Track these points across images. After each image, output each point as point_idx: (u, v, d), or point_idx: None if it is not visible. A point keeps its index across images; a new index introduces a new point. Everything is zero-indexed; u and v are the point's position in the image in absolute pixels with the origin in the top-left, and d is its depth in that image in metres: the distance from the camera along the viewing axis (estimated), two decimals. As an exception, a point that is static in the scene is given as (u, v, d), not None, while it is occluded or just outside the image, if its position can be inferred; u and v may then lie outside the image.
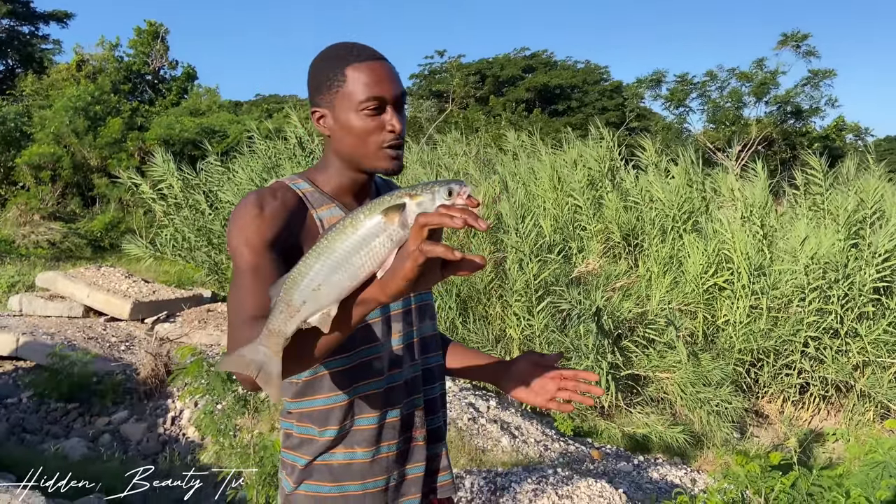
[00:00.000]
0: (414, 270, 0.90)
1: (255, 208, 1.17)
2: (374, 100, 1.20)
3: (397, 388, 1.29)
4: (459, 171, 9.46)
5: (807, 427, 6.05)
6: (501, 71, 28.18)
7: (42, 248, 11.73)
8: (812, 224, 6.28)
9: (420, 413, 1.33)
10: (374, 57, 1.24)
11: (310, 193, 1.27)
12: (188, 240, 8.47)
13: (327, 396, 1.25)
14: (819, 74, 20.50)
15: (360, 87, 1.21)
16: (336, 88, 1.23)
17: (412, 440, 1.32)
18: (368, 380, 1.25)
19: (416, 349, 1.34)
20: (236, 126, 15.53)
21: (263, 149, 8.98)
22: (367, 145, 1.23)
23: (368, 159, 1.24)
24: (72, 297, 7.51)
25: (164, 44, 20.71)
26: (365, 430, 1.26)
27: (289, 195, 1.24)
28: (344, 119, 1.23)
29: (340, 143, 1.26)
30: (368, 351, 1.25)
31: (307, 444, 1.26)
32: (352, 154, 1.26)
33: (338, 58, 1.24)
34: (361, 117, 1.21)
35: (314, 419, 1.26)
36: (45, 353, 6.05)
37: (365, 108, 1.21)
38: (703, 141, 20.37)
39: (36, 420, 5.41)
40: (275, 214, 1.17)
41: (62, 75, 18.64)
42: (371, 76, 1.21)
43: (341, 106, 1.23)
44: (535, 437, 4.72)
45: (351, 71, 1.21)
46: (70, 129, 14.07)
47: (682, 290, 6.16)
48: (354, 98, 1.21)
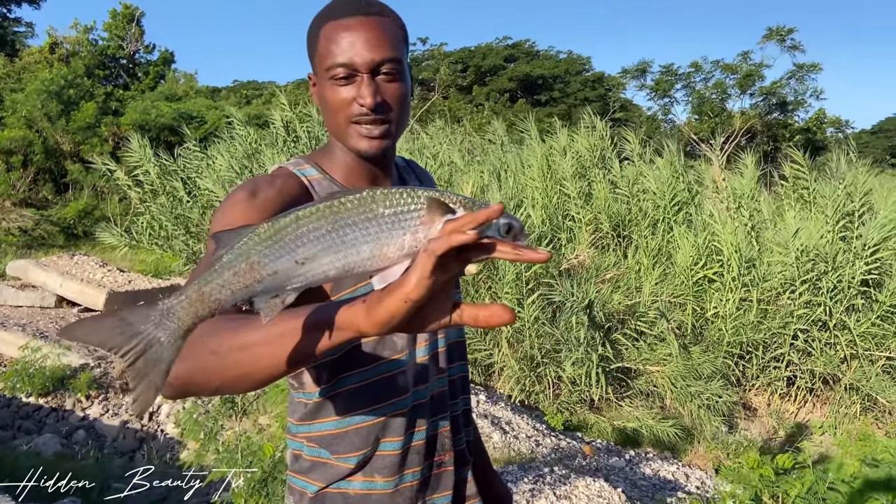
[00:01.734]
0: (421, 285, 0.62)
1: (245, 194, 0.98)
2: (341, 66, 1.00)
3: (423, 406, 1.11)
4: (444, 161, 9.32)
5: (793, 420, 6.03)
6: (483, 60, 28.04)
7: (13, 236, 11.40)
8: (799, 216, 6.24)
9: (447, 433, 1.15)
10: (353, 11, 1.02)
11: (317, 182, 1.08)
12: (165, 228, 8.25)
13: (341, 419, 1.07)
14: (804, 68, 20.67)
15: (328, 50, 1.02)
16: (313, 52, 1.06)
17: (440, 465, 1.14)
18: (391, 399, 1.07)
19: (443, 359, 1.16)
20: (214, 112, 15.23)
21: (244, 135, 8.76)
22: (337, 120, 1.05)
23: (343, 138, 1.06)
24: (44, 286, 7.27)
25: (140, 27, 20.24)
26: (387, 455, 1.08)
27: (290, 183, 1.05)
28: (320, 87, 1.06)
29: (324, 116, 1.08)
30: (390, 365, 1.07)
31: (319, 469, 1.08)
32: (332, 131, 1.08)
33: (321, 14, 1.05)
34: (331, 86, 1.03)
35: (326, 443, 1.08)
36: (15, 344, 5.82)
37: (332, 76, 1.02)
38: (686, 132, 20.43)
39: (7, 415, 5.20)
40: (267, 203, 0.97)
41: (34, 58, 18.15)
42: (342, 37, 1.00)
43: (318, 72, 1.06)
44: (525, 433, 4.62)
45: (324, 30, 1.03)
46: (42, 113, 13.68)
47: (671, 282, 6.10)
48: (323, 64, 1.03)
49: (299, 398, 1.10)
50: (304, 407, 1.09)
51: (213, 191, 7.78)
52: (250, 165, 8.13)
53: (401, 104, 1.05)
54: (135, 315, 0.64)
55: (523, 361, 5.43)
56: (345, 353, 1.05)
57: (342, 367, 1.05)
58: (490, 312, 0.67)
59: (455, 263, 0.65)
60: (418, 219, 0.66)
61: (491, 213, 0.62)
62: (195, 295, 0.65)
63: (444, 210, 0.67)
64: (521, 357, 5.48)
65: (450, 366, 1.18)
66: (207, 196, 8.07)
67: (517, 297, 5.56)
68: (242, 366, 0.75)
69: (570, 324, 5.33)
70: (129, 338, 0.64)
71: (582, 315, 5.21)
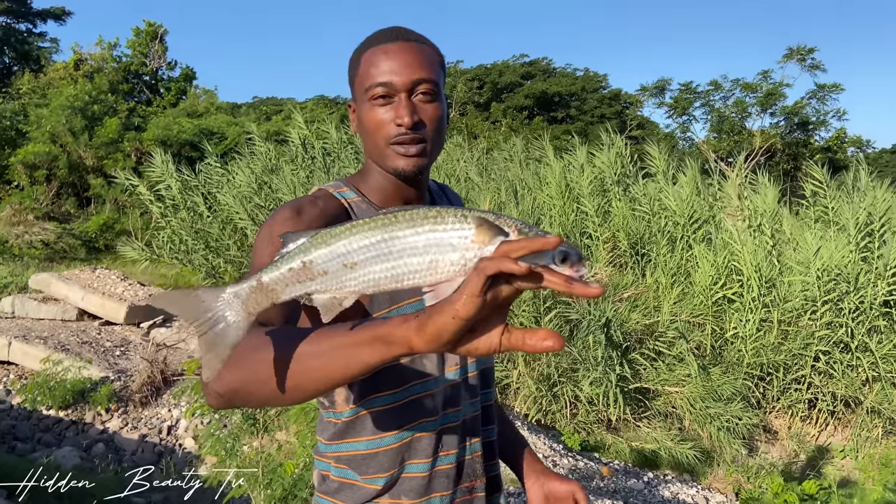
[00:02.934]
0: (470, 303, 0.63)
1: (291, 212, 1.03)
2: (379, 86, 1.04)
3: (453, 429, 1.12)
4: (461, 178, 9.35)
5: (814, 443, 5.94)
6: (500, 77, 28.18)
7: (36, 249, 11.56)
8: (820, 235, 6.19)
9: (478, 458, 1.15)
10: (393, 38, 1.07)
11: (355, 204, 1.12)
12: (185, 242, 8.33)
13: (370, 439, 1.08)
14: (825, 88, 20.61)
15: (368, 72, 1.06)
16: (354, 77, 1.10)
17: (471, 491, 1.14)
18: (419, 420, 1.08)
19: (476, 383, 1.16)
20: (234, 128, 15.41)
21: (264, 151, 8.86)
22: (377, 141, 1.08)
23: (382, 158, 1.08)
24: (66, 299, 7.36)
25: (163, 44, 20.59)
26: (414, 478, 1.08)
27: (332, 204, 1.09)
28: (359, 111, 1.10)
29: (363, 140, 1.11)
30: (419, 387, 1.08)
31: (347, 490, 1.09)
32: (370, 153, 1.11)
33: (363, 44, 1.11)
34: (371, 108, 1.07)
35: (356, 464, 1.09)
36: (37, 357, 5.89)
37: (371, 96, 1.06)
38: (705, 150, 20.36)
39: (27, 427, 5.25)
40: (312, 222, 1.02)
41: (59, 74, 18.50)
42: (380, 60, 1.05)
43: (358, 97, 1.10)
44: (543, 452, 4.59)
45: (365, 55, 1.08)
46: (66, 128, 13.91)
47: (690, 301, 6.05)
48: (363, 86, 1.07)
49: (329, 417, 1.12)
50: (333, 426, 1.11)
51: (233, 206, 7.86)
52: (269, 181, 8.21)
53: (437, 124, 1.09)
54: (208, 294, 0.74)
55: (540, 380, 5.40)
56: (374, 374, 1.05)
57: (372, 388, 1.07)
58: (538, 337, 0.67)
59: (506, 286, 0.65)
60: (468, 238, 0.69)
61: (546, 244, 0.64)
62: (256, 283, 0.73)
63: (495, 231, 0.68)
64: (538, 376, 5.45)
65: (483, 391, 1.19)
66: (227, 211, 8.15)
67: (534, 315, 5.54)
68: (293, 377, 0.77)
69: (587, 343, 5.31)
70: (202, 312, 0.73)
71: (599, 334, 5.18)
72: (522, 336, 0.68)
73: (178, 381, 5.58)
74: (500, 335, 0.69)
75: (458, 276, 0.69)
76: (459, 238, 0.69)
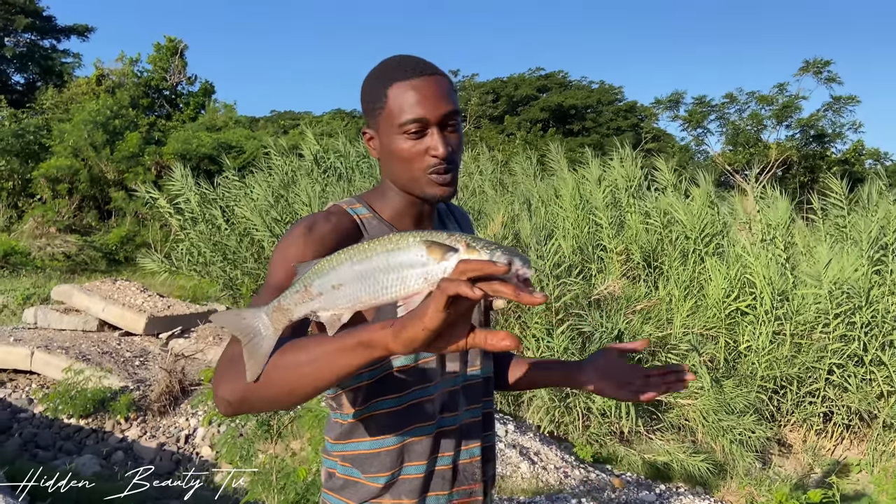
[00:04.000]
0: (435, 317, 0.76)
1: (304, 229, 1.11)
2: (415, 122, 1.12)
3: (450, 433, 1.20)
4: (476, 190, 9.43)
5: (830, 457, 5.91)
6: (516, 90, 28.31)
7: (58, 261, 11.78)
8: (834, 249, 6.18)
9: (477, 463, 1.23)
10: (419, 73, 1.13)
11: (367, 220, 1.20)
12: (204, 255, 8.47)
13: (374, 440, 1.16)
14: (841, 100, 20.53)
15: (400, 108, 1.12)
16: (379, 110, 1.16)
17: (470, 495, 1.22)
18: (417, 423, 1.17)
19: (477, 391, 1.25)
20: (252, 142, 15.62)
21: (280, 165, 9.00)
22: (411, 171, 1.15)
23: (416, 185, 1.16)
24: (87, 310, 7.49)
25: (183, 59, 20.93)
26: (412, 479, 1.17)
27: (344, 220, 1.17)
28: (387, 142, 1.16)
29: (388, 167, 1.19)
30: (419, 392, 1.17)
31: (351, 487, 1.18)
32: (399, 179, 1.18)
33: (382, 76, 1.16)
34: (403, 140, 1.13)
35: (359, 463, 1.18)
36: (59, 367, 6.02)
37: (405, 130, 1.13)
38: (720, 163, 20.32)
39: (49, 436, 5.36)
40: (323, 237, 1.11)
41: (82, 89, 18.86)
42: (412, 96, 1.12)
43: (385, 129, 1.16)
44: (554, 464, 4.62)
45: (392, 90, 1.13)
46: (88, 142, 14.18)
47: (703, 314, 6.06)
48: (395, 120, 1.13)
49: (336, 418, 1.20)
50: (339, 427, 1.20)
51: (251, 219, 7.99)
52: (286, 195, 8.34)
53: (461, 151, 1.18)
54: (247, 313, 0.94)
55: (553, 392, 5.44)
56: (379, 379, 1.15)
57: (376, 393, 1.16)
58: (498, 338, 0.79)
59: (465, 300, 0.77)
60: (424, 255, 0.83)
61: (496, 270, 0.75)
62: (276, 305, 0.92)
63: (444, 249, 0.82)
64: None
65: (484, 399, 1.27)
66: (245, 224, 8.29)
67: (546, 327, 5.58)
68: (290, 382, 0.91)
69: (599, 355, 5.33)
70: (244, 327, 0.93)
71: (612, 346, 5.20)
72: (485, 336, 0.80)
73: (195, 391, 5.68)
74: (465, 336, 0.82)
75: (425, 288, 0.83)
76: (418, 256, 0.83)
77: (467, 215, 1.45)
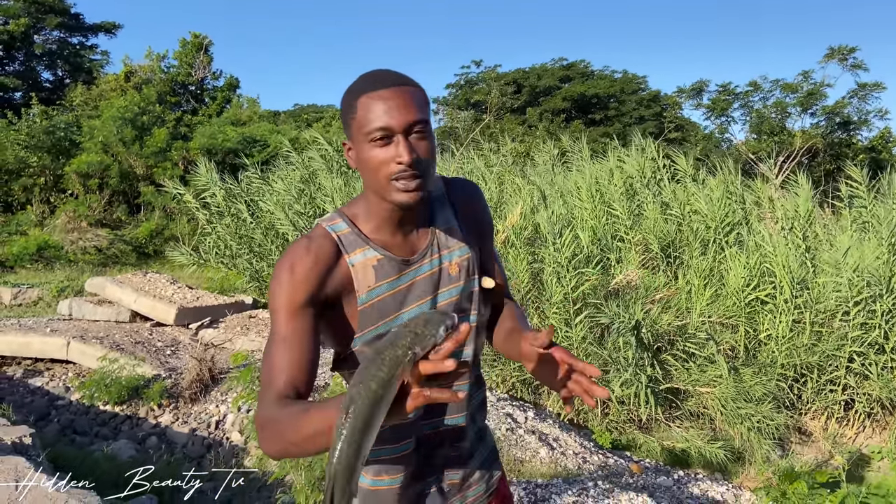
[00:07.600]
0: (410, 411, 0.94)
1: (286, 273, 1.23)
2: (380, 130, 1.18)
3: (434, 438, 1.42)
4: (496, 183, 9.49)
5: (851, 445, 5.92)
6: (538, 81, 28.16)
7: (89, 254, 12.09)
8: (855, 237, 6.17)
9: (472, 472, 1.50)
10: (387, 84, 1.20)
11: (345, 236, 1.29)
12: (230, 247, 8.67)
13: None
14: (867, 87, 20.18)
15: (366, 118, 1.20)
16: (351, 120, 1.23)
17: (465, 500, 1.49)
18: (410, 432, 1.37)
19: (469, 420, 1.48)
20: (276, 136, 15.82)
21: (299, 161, 9.16)
22: (378, 178, 1.22)
23: (385, 192, 1.23)
24: (119, 302, 7.73)
25: (208, 55, 21.21)
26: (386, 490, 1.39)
27: (325, 245, 1.27)
28: (359, 151, 1.24)
29: (363, 176, 1.26)
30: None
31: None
32: (371, 187, 1.26)
33: (355, 89, 1.23)
34: (371, 149, 1.21)
35: None
36: (94, 356, 6.24)
37: (372, 139, 1.19)
38: (744, 151, 20.10)
39: (86, 422, 5.58)
40: (306, 276, 1.22)
41: (111, 86, 19.20)
42: (378, 106, 1.19)
43: (357, 138, 1.23)
44: (573, 450, 4.71)
45: (361, 101, 1.21)
46: (118, 138, 14.48)
47: (722, 303, 6.09)
48: (364, 129, 1.20)
49: None
50: None
51: (275, 213, 8.17)
52: (307, 189, 8.50)
53: (430, 158, 1.25)
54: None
55: (572, 380, 5.51)
56: None
57: None
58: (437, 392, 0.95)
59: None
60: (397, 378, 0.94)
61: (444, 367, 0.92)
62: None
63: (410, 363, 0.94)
64: (570, 376, 5.55)
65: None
66: (269, 218, 8.47)
67: (564, 318, 5.67)
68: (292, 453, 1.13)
69: (617, 344, 5.41)
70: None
71: (629, 336, 5.28)
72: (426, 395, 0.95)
73: (224, 379, 5.86)
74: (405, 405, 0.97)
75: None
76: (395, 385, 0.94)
77: (472, 188, 1.48)
